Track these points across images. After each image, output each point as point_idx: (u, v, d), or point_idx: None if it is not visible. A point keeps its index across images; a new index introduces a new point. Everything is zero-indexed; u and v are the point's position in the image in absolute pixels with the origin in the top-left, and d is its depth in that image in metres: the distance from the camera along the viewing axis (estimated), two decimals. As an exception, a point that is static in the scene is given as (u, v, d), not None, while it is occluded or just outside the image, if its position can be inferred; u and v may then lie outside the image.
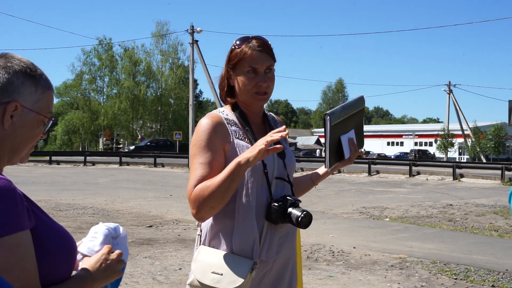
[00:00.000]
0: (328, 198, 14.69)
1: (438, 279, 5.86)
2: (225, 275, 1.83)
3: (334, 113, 1.97)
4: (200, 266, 1.89)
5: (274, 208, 1.88)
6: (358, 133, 2.13)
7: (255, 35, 2.01)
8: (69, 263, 1.29)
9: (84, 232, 8.18)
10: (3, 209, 1.12)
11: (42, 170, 25.21)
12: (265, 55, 1.96)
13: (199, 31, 29.52)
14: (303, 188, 2.20)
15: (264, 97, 1.99)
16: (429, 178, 23.63)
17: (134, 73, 59.08)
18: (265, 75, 1.97)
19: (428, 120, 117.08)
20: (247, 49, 1.95)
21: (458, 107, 45.21)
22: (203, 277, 1.87)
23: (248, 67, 1.94)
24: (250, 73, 1.95)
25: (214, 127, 1.92)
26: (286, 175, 2.00)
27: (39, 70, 1.32)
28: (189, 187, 1.86)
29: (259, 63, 1.95)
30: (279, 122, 2.16)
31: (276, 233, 1.93)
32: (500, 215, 11.51)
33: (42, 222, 1.24)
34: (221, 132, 1.93)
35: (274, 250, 1.92)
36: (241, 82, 1.96)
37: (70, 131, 63.62)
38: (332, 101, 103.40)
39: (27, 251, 1.16)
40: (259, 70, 1.95)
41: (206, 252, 1.91)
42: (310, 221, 1.87)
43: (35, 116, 1.30)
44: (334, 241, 7.94)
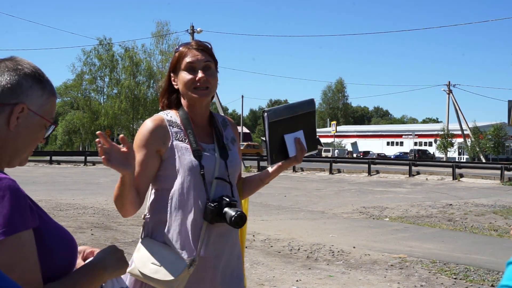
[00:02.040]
0: (328, 198, 14.71)
1: (438, 279, 5.88)
2: (163, 267, 1.92)
3: (271, 111, 2.06)
4: (141, 256, 1.97)
5: (209, 208, 1.97)
6: (309, 135, 2.19)
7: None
8: (70, 262, 1.30)
9: (84, 232, 8.20)
10: (7, 209, 1.13)
11: (42, 170, 25.22)
12: (203, 53, 2.06)
13: (199, 31, 29.55)
14: (253, 186, 2.27)
15: (205, 92, 2.05)
16: (429, 178, 23.64)
17: (134, 73, 59.09)
18: (204, 71, 2.04)
19: (428, 120, 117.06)
20: (185, 49, 2.06)
21: (458, 107, 45.24)
22: (143, 266, 1.95)
23: (186, 64, 2.04)
24: (188, 70, 2.04)
25: (152, 128, 2.02)
26: (227, 176, 2.06)
27: (46, 76, 1.35)
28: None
29: (196, 60, 2.03)
30: (230, 125, 2.23)
31: (215, 232, 2.01)
32: (500, 215, 11.53)
33: (44, 221, 1.25)
34: (158, 134, 2.02)
35: (213, 248, 2.01)
36: (181, 80, 2.05)
37: (70, 131, 63.63)
38: (332, 101, 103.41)
39: (30, 250, 1.17)
40: (196, 66, 2.03)
41: (149, 243, 2.00)
42: (242, 220, 1.93)
43: (40, 120, 1.32)
44: (334, 241, 7.95)
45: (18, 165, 1.36)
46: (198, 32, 29.57)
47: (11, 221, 1.13)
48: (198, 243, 1.98)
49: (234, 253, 2.10)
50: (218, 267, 2.04)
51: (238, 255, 2.14)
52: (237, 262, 2.12)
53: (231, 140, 2.17)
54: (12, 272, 1.12)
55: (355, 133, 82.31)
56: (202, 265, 1.99)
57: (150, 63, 60.03)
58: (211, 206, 1.95)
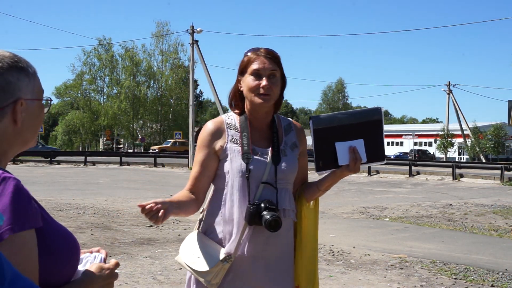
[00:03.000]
0: (328, 198, 14.71)
1: (438, 279, 5.88)
2: (200, 258, 2.07)
3: (318, 118, 2.05)
4: (186, 246, 2.14)
5: (248, 210, 2.04)
6: (373, 144, 2.08)
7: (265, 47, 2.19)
8: (72, 263, 1.29)
9: (84, 232, 8.20)
10: (11, 208, 1.13)
11: (42, 170, 25.22)
12: (270, 61, 2.12)
13: (199, 31, 29.52)
14: (311, 192, 2.25)
15: (266, 98, 2.11)
16: (429, 178, 23.64)
17: (134, 73, 59.09)
18: (269, 79, 2.11)
19: (428, 120, 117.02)
20: (254, 55, 2.14)
21: (458, 107, 45.23)
22: (185, 256, 2.12)
23: (253, 70, 2.12)
24: (254, 76, 2.12)
25: (212, 131, 2.16)
26: (274, 181, 2.10)
27: (22, 58, 1.33)
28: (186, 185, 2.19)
29: (262, 67, 2.11)
30: (296, 130, 2.26)
31: (259, 233, 2.07)
32: (500, 215, 11.53)
33: (47, 223, 1.25)
34: (217, 135, 2.15)
35: (254, 248, 2.08)
36: (246, 84, 2.14)
37: (70, 131, 63.63)
38: (332, 101, 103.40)
39: (31, 251, 1.17)
40: (262, 73, 2.11)
41: (196, 236, 2.15)
42: (277, 224, 1.98)
43: (38, 103, 1.33)
44: (334, 241, 7.95)
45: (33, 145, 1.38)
46: (198, 32, 29.55)
47: (14, 220, 1.13)
48: (237, 242, 2.06)
49: (280, 256, 2.14)
50: (259, 267, 2.10)
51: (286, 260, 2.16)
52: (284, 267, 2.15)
53: (291, 146, 2.21)
54: None
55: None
56: (240, 263, 2.07)
57: (150, 63, 60.04)
58: (250, 208, 2.04)
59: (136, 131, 62.56)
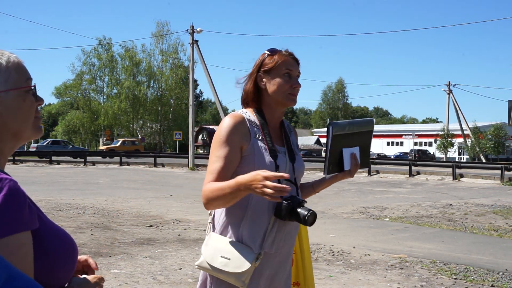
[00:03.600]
0: (328, 198, 14.71)
1: (438, 279, 5.87)
2: (232, 260, 2.02)
3: (337, 124, 2.16)
4: (210, 250, 2.07)
5: (284, 205, 2.03)
6: (364, 152, 2.28)
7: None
8: (70, 265, 1.28)
9: (84, 232, 8.20)
10: (7, 209, 1.12)
11: (42, 170, 25.22)
12: (297, 65, 2.21)
13: (199, 31, 29.51)
14: (305, 193, 2.37)
15: (295, 99, 2.19)
16: (429, 178, 23.64)
17: (134, 73, 59.07)
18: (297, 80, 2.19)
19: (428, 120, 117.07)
20: (283, 56, 2.17)
21: (458, 107, 45.23)
22: (212, 260, 2.05)
23: (285, 70, 2.15)
24: (286, 76, 2.15)
25: (235, 125, 2.09)
26: (293, 178, 2.18)
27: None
28: (205, 181, 2.07)
29: (294, 68, 2.18)
30: (294, 132, 2.36)
31: (281, 229, 2.10)
32: (500, 215, 11.52)
33: (44, 224, 1.24)
34: (241, 131, 2.09)
35: (277, 245, 2.09)
36: (277, 84, 2.14)
37: (70, 131, 63.63)
38: (332, 101, 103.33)
39: (27, 253, 1.16)
40: (293, 74, 2.17)
41: (216, 238, 2.09)
42: (315, 219, 2.03)
43: (15, 93, 1.27)
44: (334, 241, 7.95)
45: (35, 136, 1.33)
46: (198, 32, 29.54)
47: (10, 221, 1.12)
48: (265, 239, 2.06)
49: (291, 252, 2.20)
50: (279, 263, 2.13)
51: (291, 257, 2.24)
52: (290, 263, 2.23)
53: (296, 146, 2.30)
54: None
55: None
56: (265, 260, 2.08)
57: (150, 63, 60.03)
58: (285, 203, 2.03)
59: (136, 131, 62.55)
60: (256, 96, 2.19)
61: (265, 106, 2.18)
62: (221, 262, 2.03)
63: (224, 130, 2.08)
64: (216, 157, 2.06)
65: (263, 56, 2.20)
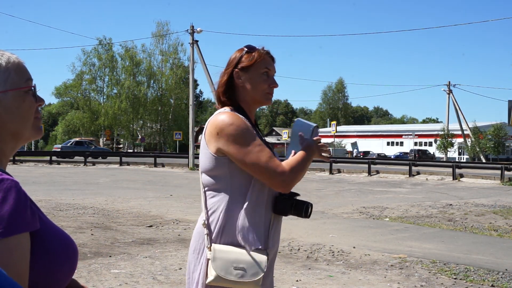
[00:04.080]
0: (328, 198, 14.71)
1: (438, 279, 5.87)
2: (248, 268, 1.97)
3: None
4: (221, 264, 1.98)
5: (284, 200, 2.06)
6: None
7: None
8: (70, 265, 1.28)
9: (84, 232, 8.20)
10: (8, 210, 1.12)
11: (42, 170, 25.22)
12: (273, 63, 2.20)
13: (199, 31, 29.52)
14: None
15: (271, 98, 2.20)
16: (429, 178, 23.64)
17: (134, 73, 59.07)
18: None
19: (428, 120, 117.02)
20: (261, 54, 2.15)
21: (458, 107, 45.24)
22: (227, 273, 1.97)
23: (264, 69, 2.14)
24: (264, 75, 2.14)
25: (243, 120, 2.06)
26: None
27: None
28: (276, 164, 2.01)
29: (272, 67, 2.18)
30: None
31: (277, 224, 2.12)
32: (500, 215, 11.52)
33: (45, 224, 1.24)
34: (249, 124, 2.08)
35: (274, 240, 2.10)
36: (255, 83, 2.13)
37: (70, 131, 63.58)
38: (332, 101, 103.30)
39: (24, 254, 1.15)
40: (271, 74, 2.17)
41: (223, 249, 2.00)
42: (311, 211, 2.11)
43: (14, 93, 1.26)
44: (334, 241, 7.95)
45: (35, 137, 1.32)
46: (198, 32, 29.54)
47: (11, 222, 1.12)
48: (269, 236, 2.06)
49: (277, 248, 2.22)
50: (274, 257, 2.14)
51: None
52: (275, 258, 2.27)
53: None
54: None
55: (355, 133, 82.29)
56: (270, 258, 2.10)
57: (150, 63, 60.02)
58: (285, 198, 2.06)
59: (136, 131, 62.54)
60: (231, 93, 2.14)
61: (242, 103, 2.14)
62: (237, 273, 1.97)
63: (242, 124, 2.02)
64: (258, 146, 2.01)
65: (240, 52, 2.15)
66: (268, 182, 2.00)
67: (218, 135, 2.00)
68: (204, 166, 2.08)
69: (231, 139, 1.98)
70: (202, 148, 2.10)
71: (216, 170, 2.04)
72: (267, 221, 2.05)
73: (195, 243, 2.09)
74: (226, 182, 2.03)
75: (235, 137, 1.98)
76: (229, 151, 1.99)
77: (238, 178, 2.03)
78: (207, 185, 2.08)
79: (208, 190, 2.08)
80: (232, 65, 2.13)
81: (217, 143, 2.01)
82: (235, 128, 1.99)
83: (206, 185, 2.08)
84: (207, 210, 2.06)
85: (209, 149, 2.05)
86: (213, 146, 2.03)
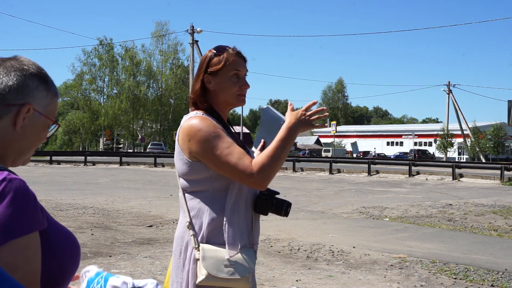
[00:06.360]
0: (328, 198, 14.72)
1: (438, 279, 5.88)
2: (238, 265, 1.99)
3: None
4: (212, 263, 1.99)
5: (264, 200, 2.07)
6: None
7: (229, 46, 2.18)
8: (75, 262, 1.30)
9: (84, 232, 8.21)
10: (18, 210, 1.13)
11: (42, 170, 25.23)
12: (244, 62, 2.16)
13: (199, 32, 29.55)
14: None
15: (244, 99, 2.17)
16: (429, 178, 23.65)
17: (134, 73, 59.09)
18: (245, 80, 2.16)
19: (428, 120, 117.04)
20: (230, 56, 2.11)
21: (458, 107, 45.26)
22: (218, 271, 1.98)
23: (234, 71, 2.10)
24: (234, 77, 2.11)
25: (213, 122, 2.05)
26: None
27: (50, 77, 1.35)
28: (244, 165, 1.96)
29: (242, 68, 2.14)
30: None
31: (258, 222, 2.13)
32: (500, 214, 11.53)
33: (50, 223, 1.25)
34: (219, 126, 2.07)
35: (256, 237, 2.13)
36: (225, 86, 2.11)
37: (70, 131, 63.66)
38: (332, 101, 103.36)
39: (35, 253, 1.17)
40: (241, 74, 2.13)
41: (211, 249, 2.01)
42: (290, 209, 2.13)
43: (44, 120, 1.32)
44: (334, 241, 7.95)
45: (22, 164, 1.36)
46: (198, 32, 29.55)
47: (21, 222, 1.13)
48: (253, 234, 2.08)
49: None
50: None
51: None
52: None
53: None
54: (14, 274, 1.11)
55: (355, 133, 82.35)
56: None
57: (150, 63, 60.04)
58: (264, 198, 2.08)
59: (136, 131, 62.55)
60: (204, 96, 2.12)
61: (216, 106, 2.14)
62: (228, 271, 1.98)
63: (210, 123, 2.02)
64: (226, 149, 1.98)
65: (210, 54, 2.13)
66: (242, 183, 2.01)
67: (190, 141, 2.01)
68: (182, 171, 2.07)
69: (201, 145, 1.99)
70: (177, 153, 2.09)
71: (194, 174, 2.04)
72: (249, 220, 2.07)
73: (179, 247, 2.08)
74: (205, 184, 2.04)
75: (204, 143, 1.99)
76: (201, 156, 2.00)
77: (218, 180, 2.03)
78: (186, 188, 2.08)
79: (187, 193, 2.09)
80: (203, 69, 2.12)
81: (190, 149, 2.01)
82: (203, 133, 1.99)
83: (185, 188, 2.09)
84: (189, 213, 2.06)
85: (184, 155, 2.05)
86: (187, 152, 2.03)
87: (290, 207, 2.12)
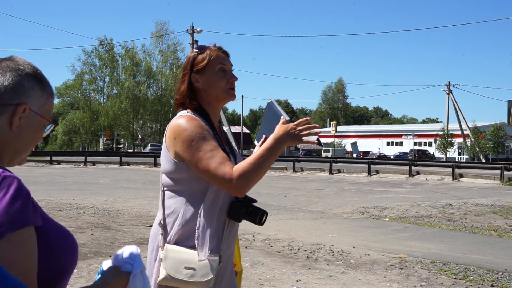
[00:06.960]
0: (328, 198, 14.72)
1: (438, 279, 5.88)
2: (198, 269, 1.97)
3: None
4: (171, 263, 1.99)
5: (238, 206, 2.04)
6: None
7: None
8: (72, 261, 1.31)
9: (84, 232, 8.21)
10: (12, 205, 1.14)
11: (42, 170, 25.23)
12: (227, 57, 2.18)
13: (199, 32, 29.55)
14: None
15: (235, 93, 2.17)
16: (429, 178, 23.65)
17: (134, 73, 59.09)
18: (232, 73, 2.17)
19: (428, 120, 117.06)
20: (213, 52, 2.13)
21: (458, 107, 45.26)
22: (176, 273, 1.98)
23: (219, 65, 2.11)
24: (221, 72, 2.12)
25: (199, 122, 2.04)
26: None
27: (45, 77, 1.36)
28: (224, 170, 1.93)
29: (227, 62, 2.15)
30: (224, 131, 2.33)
31: (232, 228, 2.10)
32: (499, 214, 11.53)
33: (47, 221, 1.26)
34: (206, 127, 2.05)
35: (229, 243, 2.09)
36: (213, 81, 2.11)
37: (70, 131, 63.66)
38: (332, 101, 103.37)
39: (31, 249, 1.17)
40: (227, 68, 2.14)
41: (174, 249, 2.01)
42: (266, 219, 2.09)
43: (40, 120, 1.33)
44: (334, 241, 7.96)
45: (18, 164, 1.37)
46: (198, 32, 29.56)
47: (16, 217, 1.14)
48: (223, 240, 2.04)
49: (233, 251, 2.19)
50: (229, 257, 2.12)
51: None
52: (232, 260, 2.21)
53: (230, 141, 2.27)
54: (9, 270, 1.12)
55: (355, 133, 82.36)
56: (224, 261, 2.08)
57: (150, 63, 60.04)
58: (239, 204, 2.04)
59: (136, 131, 62.55)
60: (193, 96, 2.12)
61: (206, 105, 2.13)
62: (187, 273, 1.97)
63: (197, 125, 2.01)
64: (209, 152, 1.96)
65: (193, 54, 2.15)
66: (220, 187, 1.99)
67: (175, 140, 2.01)
68: (165, 168, 2.08)
69: (185, 145, 1.99)
70: (163, 151, 2.10)
71: (176, 173, 2.04)
72: (221, 225, 2.04)
73: (152, 244, 2.11)
74: (185, 185, 2.04)
75: (188, 143, 1.98)
76: (184, 156, 2.00)
77: (197, 182, 2.03)
78: (166, 185, 2.10)
79: (167, 190, 2.10)
80: (188, 69, 2.13)
81: (175, 148, 2.02)
82: (188, 134, 1.99)
83: (165, 185, 2.11)
84: (164, 211, 2.09)
85: (169, 153, 2.05)
86: (172, 151, 2.04)
87: (266, 217, 2.07)
